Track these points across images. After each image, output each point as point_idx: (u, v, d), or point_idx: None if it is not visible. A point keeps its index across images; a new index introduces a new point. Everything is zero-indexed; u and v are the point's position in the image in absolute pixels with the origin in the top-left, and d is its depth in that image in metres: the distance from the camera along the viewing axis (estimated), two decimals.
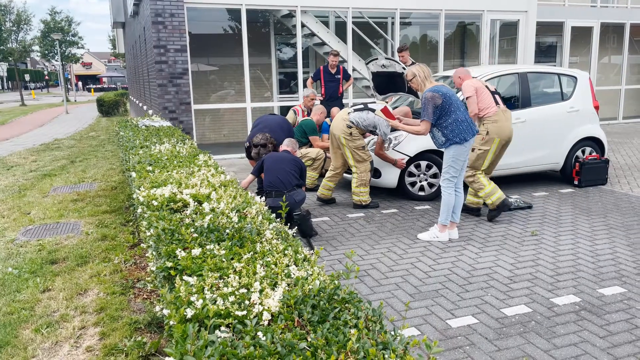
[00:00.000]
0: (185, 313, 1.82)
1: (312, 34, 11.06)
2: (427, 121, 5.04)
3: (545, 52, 14.41)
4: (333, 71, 9.08)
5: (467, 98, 5.64)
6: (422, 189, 6.70)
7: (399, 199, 6.77)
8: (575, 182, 7.28)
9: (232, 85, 12.77)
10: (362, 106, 6.35)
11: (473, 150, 5.62)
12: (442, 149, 5.20)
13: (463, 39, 14.33)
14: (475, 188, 5.74)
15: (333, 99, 9.06)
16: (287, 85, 13.18)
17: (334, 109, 8.33)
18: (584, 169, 7.18)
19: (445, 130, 5.03)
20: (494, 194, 5.64)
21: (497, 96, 5.80)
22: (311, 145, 7.56)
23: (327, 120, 7.81)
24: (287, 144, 5.77)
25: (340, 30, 11.54)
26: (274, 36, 12.79)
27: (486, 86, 5.76)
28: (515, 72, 7.21)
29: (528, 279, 4.21)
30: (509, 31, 12.88)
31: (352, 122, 6.15)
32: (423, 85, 5.11)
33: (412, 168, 6.62)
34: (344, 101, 9.54)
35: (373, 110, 6.20)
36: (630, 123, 14.58)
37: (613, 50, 15.20)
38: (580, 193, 6.98)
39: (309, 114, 8.07)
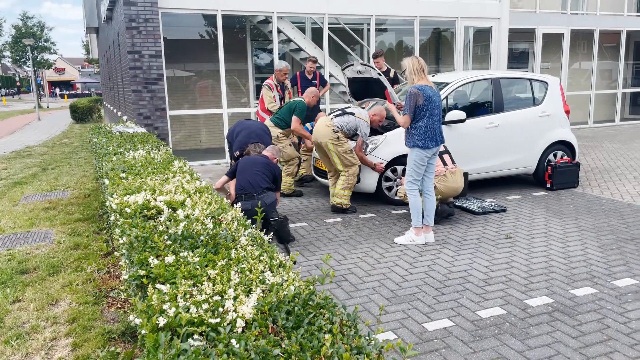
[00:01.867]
0: (157, 322, 1.79)
1: (289, 40, 11.07)
2: (407, 115, 5.08)
3: (518, 58, 14.68)
4: (310, 77, 9.09)
5: None
6: None
7: (376, 203, 6.80)
8: (548, 185, 7.42)
9: (209, 91, 12.69)
10: (340, 112, 6.40)
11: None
12: (408, 148, 5.25)
13: (438, 45, 14.52)
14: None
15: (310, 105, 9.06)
16: None
17: (320, 114, 8.27)
18: (556, 172, 7.33)
19: (414, 131, 5.10)
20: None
21: (446, 156, 6.07)
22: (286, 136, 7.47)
23: (308, 125, 7.73)
24: (268, 150, 5.74)
25: (316, 36, 11.59)
26: (250, 42, 12.77)
27: None
28: (488, 77, 7.34)
29: (502, 281, 4.27)
30: (482, 37, 13.10)
31: (337, 127, 6.19)
32: (411, 79, 5.13)
33: (388, 173, 6.66)
34: (320, 107, 9.55)
35: (352, 114, 6.27)
36: (600, 127, 14.95)
37: (583, 56, 15.59)
38: (553, 196, 7.12)
39: (282, 89, 7.98)
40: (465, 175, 6.34)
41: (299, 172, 8.01)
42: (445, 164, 5.99)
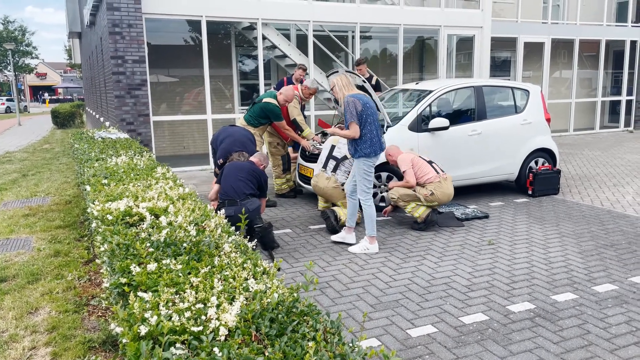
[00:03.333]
0: (138, 330, 1.77)
1: (274, 46, 11.09)
2: (354, 122, 5.07)
3: (500, 67, 14.90)
4: (297, 84, 9.07)
5: (403, 172, 5.96)
6: (382, 199, 6.77)
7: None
8: (529, 192, 7.51)
9: (193, 97, 12.63)
10: (334, 162, 6.11)
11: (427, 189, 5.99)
12: (353, 159, 5.28)
13: (422, 53, 14.67)
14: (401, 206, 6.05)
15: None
16: (249, 97, 13.15)
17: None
18: (537, 179, 7.42)
19: (359, 141, 5.12)
20: (420, 208, 5.97)
21: (434, 164, 6.13)
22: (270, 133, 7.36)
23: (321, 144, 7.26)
24: (255, 156, 5.69)
25: (301, 43, 11.62)
26: (235, 48, 12.76)
27: (420, 156, 6.15)
28: (471, 85, 7.42)
29: (485, 287, 4.30)
30: (465, 46, 13.26)
31: (342, 182, 6.03)
32: (341, 93, 5.21)
33: None
34: (305, 113, 9.56)
35: (345, 158, 6.05)
36: (580, 135, 15.20)
37: (564, 65, 15.86)
38: (534, 202, 7.20)
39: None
40: None
41: (287, 183, 7.99)
42: (437, 172, 6.03)
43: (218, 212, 5.29)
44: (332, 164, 6.10)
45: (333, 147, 6.20)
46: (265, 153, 5.93)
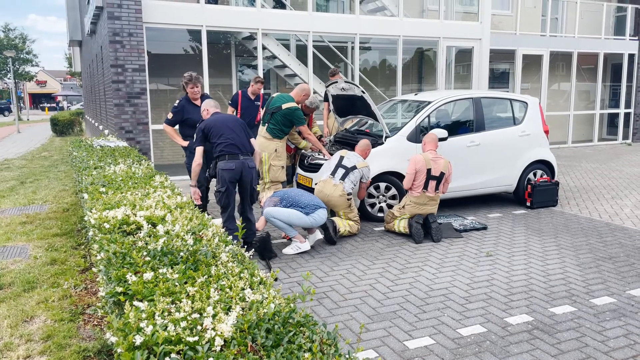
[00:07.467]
0: (133, 340, 1.76)
1: (273, 57, 11.14)
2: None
3: (499, 78, 14.97)
4: (253, 97, 7.89)
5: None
6: (381, 210, 6.77)
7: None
8: (528, 204, 7.51)
9: None
10: (343, 170, 6.09)
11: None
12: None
13: (421, 64, 14.73)
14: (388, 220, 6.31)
15: (250, 127, 7.21)
16: None
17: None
18: (536, 191, 7.43)
19: None
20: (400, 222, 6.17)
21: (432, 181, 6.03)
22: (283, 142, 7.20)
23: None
24: (213, 106, 5.53)
25: (301, 53, 11.68)
26: (235, 57, 12.81)
27: (428, 169, 6.02)
28: (469, 97, 7.45)
29: (483, 298, 4.28)
30: (464, 57, 13.33)
31: (349, 191, 6.05)
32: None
33: (371, 189, 6.68)
34: (319, 122, 9.52)
35: (355, 167, 6.09)
36: (578, 147, 15.24)
37: (562, 78, 15.94)
38: (533, 214, 7.20)
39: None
40: None
41: None
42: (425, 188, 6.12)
43: (208, 171, 5.39)
44: (341, 172, 6.10)
45: (342, 157, 6.23)
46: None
